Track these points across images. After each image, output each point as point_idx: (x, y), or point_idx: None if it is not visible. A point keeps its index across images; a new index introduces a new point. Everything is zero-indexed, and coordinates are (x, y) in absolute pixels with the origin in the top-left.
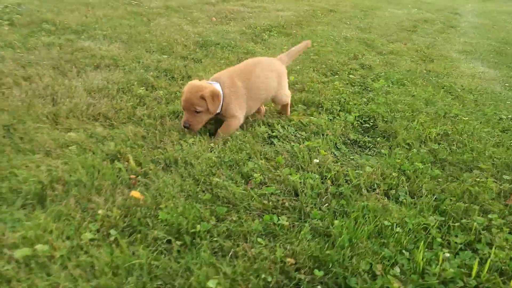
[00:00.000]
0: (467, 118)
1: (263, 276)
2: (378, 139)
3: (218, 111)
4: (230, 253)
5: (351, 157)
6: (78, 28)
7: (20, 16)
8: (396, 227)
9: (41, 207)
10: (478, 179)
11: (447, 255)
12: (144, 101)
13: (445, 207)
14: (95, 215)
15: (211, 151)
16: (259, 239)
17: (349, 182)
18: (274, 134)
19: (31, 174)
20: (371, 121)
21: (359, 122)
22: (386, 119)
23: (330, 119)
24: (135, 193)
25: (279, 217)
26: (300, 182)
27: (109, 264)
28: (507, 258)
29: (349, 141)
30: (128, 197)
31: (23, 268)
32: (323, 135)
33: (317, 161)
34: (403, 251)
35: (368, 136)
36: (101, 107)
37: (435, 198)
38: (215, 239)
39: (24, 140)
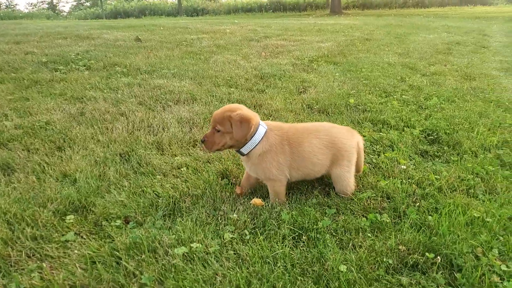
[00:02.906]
0: None
1: (384, 259)
2: (445, 148)
3: (245, 149)
4: (350, 244)
5: (425, 165)
6: (147, 69)
7: (94, 61)
8: (486, 217)
9: (179, 216)
10: None
11: None
12: None
13: None
14: (227, 220)
15: None
16: (368, 234)
17: (432, 184)
18: None
19: (162, 191)
20: (434, 134)
21: (424, 136)
22: (447, 132)
23: (398, 134)
24: (256, 201)
25: (381, 215)
26: (390, 187)
27: (256, 255)
28: None
29: (419, 151)
30: (249, 205)
31: (188, 261)
32: (396, 147)
33: (404, 167)
34: (498, 236)
35: (435, 147)
36: (194, 135)
37: None
38: (333, 234)
39: (142, 164)
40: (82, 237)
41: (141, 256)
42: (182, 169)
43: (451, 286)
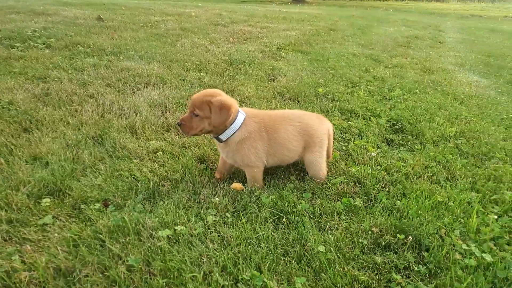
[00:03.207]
0: (475, 119)
1: (359, 240)
2: (409, 137)
3: (223, 136)
4: (327, 226)
5: (392, 153)
6: (113, 50)
7: (54, 40)
8: (448, 201)
9: (159, 200)
10: (497, 165)
11: (495, 216)
12: None
13: (478, 187)
14: (209, 203)
15: None
16: (343, 217)
17: (399, 171)
18: None
19: (140, 175)
20: (399, 123)
21: (389, 125)
22: (411, 122)
23: (365, 123)
24: (236, 185)
25: (354, 199)
26: (361, 173)
27: (240, 237)
28: None
29: (386, 140)
30: (229, 189)
31: (173, 243)
32: (365, 136)
33: (374, 155)
34: (459, 218)
35: (399, 136)
36: (167, 120)
37: (471, 180)
38: (311, 216)
39: (116, 148)
40: (61, 220)
41: (126, 239)
42: (158, 153)
43: (419, 263)
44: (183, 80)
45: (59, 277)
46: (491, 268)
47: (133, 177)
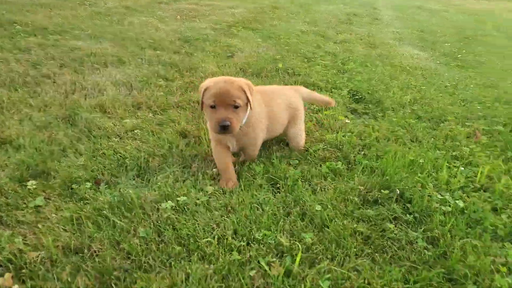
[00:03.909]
0: (424, 87)
1: (350, 198)
2: (370, 106)
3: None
4: (318, 188)
5: (358, 121)
6: (56, 29)
7: None
8: (419, 159)
9: (152, 175)
10: (451, 127)
11: (462, 168)
12: (170, 91)
13: (439, 146)
14: (204, 175)
15: None
16: (329, 179)
17: (369, 136)
18: None
19: (125, 152)
20: (359, 94)
21: (349, 96)
22: (369, 92)
23: (329, 95)
24: None
25: (336, 163)
26: (337, 140)
27: (243, 203)
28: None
29: (350, 109)
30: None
31: (179, 213)
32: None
33: (348, 121)
34: (430, 173)
35: (362, 105)
36: (137, 98)
37: (432, 141)
38: (302, 180)
39: (92, 128)
40: (53, 201)
41: (131, 213)
42: (136, 131)
43: (406, 213)
44: (142, 58)
45: (71, 254)
46: (465, 212)
47: (119, 155)
